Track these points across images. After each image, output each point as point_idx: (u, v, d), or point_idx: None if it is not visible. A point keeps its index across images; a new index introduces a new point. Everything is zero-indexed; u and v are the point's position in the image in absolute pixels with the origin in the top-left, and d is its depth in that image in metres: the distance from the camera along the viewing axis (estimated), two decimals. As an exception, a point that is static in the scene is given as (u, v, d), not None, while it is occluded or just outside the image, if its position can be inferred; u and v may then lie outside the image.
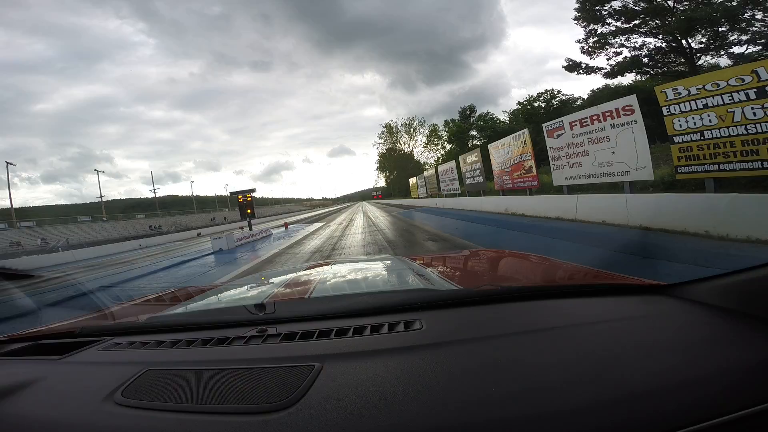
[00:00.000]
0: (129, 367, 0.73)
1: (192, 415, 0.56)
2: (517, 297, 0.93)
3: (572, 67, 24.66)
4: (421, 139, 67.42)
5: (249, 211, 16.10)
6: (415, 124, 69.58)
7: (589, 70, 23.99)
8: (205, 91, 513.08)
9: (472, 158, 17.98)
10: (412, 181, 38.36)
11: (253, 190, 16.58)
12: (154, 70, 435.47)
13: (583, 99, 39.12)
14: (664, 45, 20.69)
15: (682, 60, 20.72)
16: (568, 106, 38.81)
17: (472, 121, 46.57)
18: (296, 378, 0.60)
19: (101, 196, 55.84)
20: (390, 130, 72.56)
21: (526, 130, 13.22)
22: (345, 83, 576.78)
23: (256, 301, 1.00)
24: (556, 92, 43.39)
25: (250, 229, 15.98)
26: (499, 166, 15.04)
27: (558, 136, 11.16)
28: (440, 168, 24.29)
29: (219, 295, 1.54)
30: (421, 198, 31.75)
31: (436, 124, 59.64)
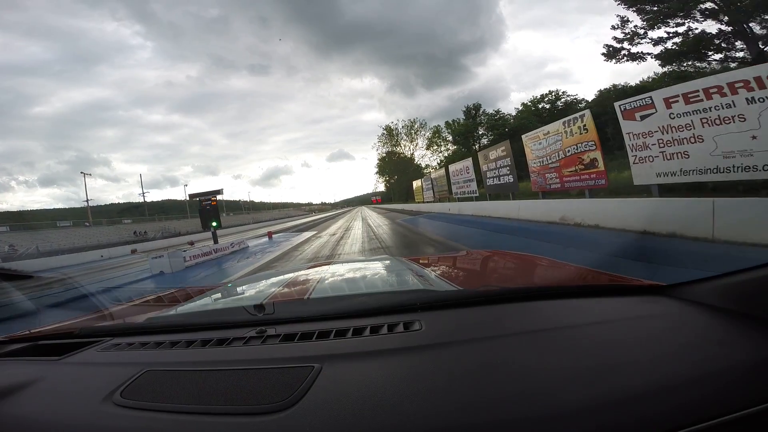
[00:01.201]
0: (128, 367, 0.72)
1: (191, 416, 0.55)
2: (516, 297, 0.91)
3: (612, 53, 21.24)
4: (422, 141, 64.48)
5: (213, 219, 12.20)
6: (416, 126, 66.50)
7: (634, 56, 20.54)
8: (204, 94, 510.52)
9: (497, 153, 14.51)
10: (416, 183, 34.71)
11: (218, 192, 12.59)
12: (152, 74, 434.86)
13: (587, 101, 37.43)
14: (724, 29, 17.29)
15: (743, 46, 17.36)
16: (573, 107, 36.97)
17: (478, 120, 43.30)
18: (295, 379, 0.60)
19: (87, 200, 53.49)
20: (390, 133, 69.46)
21: (587, 112, 9.78)
22: (344, 87, 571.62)
23: (256, 301, 0.99)
24: (561, 93, 40.67)
25: (215, 241, 12.29)
26: (539, 161, 11.59)
27: (643, 117, 7.88)
28: (452, 168, 20.80)
29: (218, 295, 1.50)
30: (428, 202, 28.17)
31: (439, 125, 56.24)
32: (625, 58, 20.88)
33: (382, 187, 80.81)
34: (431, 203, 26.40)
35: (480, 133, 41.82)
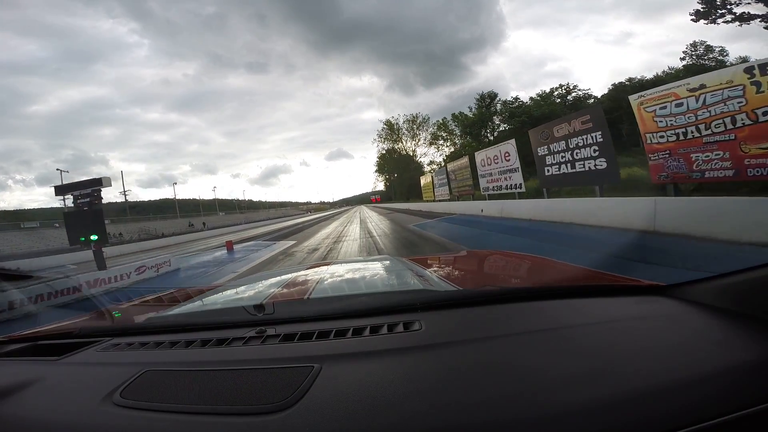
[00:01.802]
0: (128, 367, 0.72)
1: (191, 416, 0.55)
2: (516, 298, 0.90)
3: (707, 11, 16.01)
4: (425, 136, 59.57)
5: (92, 230, 6.55)
6: (418, 120, 61.34)
7: (739, 17, 15.34)
8: (202, 93, 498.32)
9: (573, 127, 9.40)
10: (425, 179, 29.46)
11: (99, 183, 6.93)
12: (149, 72, 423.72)
13: (596, 96, 34.56)
14: None
15: None
16: (584, 102, 33.75)
17: (494, 109, 38.18)
18: (295, 379, 0.59)
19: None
20: (391, 128, 64.35)
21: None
22: (342, 86, 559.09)
23: (255, 301, 0.99)
24: (572, 87, 36.02)
25: (101, 266, 6.89)
26: (674, 133, 6.58)
27: None
28: (480, 156, 15.69)
29: (218, 295, 1.48)
30: (441, 201, 23.08)
31: (445, 118, 50.95)
32: (723, 19, 15.69)
33: (381, 186, 78.04)
34: (447, 202, 21.28)
35: (496, 123, 36.81)
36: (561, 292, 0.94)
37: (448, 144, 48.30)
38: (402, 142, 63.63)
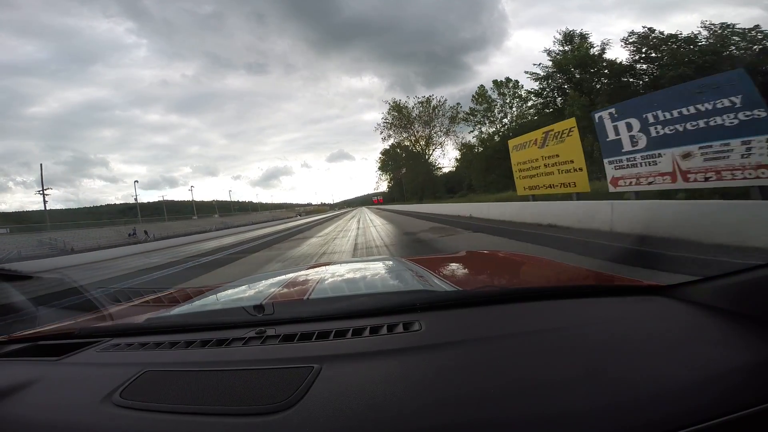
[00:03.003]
0: (127, 368, 0.72)
1: (191, 416, 0.55)
2: (516, 298, 0.90)
3: None
4: (443, 123, 45.66)
5: None
6: (433, 103, 46.91)
7: None
8: (201, 94, 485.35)
9: None
10: (529, 141, 13.79)
11: None
12: (148, 73, 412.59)
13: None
14: None
15: None
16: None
17: (580, 52, 23.93)
18: (295, 379, 0.60)
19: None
20: (399, 110, 49.31)
21: None
22: (343, 86, 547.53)
23: (255, 302, 0.97)
24: (726, 25, 21.93)
25: None
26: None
27: None
28: None
29: (218, 296, 1.44)
30: (628, 186, 8.44)
31: (482, 86, 36.79)
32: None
33: (384, 187, 64.80)
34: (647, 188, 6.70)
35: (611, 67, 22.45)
36: (560, 292, 0.94)
37: (486, 122, 34.21)
38: (413, 129, 49.22)
